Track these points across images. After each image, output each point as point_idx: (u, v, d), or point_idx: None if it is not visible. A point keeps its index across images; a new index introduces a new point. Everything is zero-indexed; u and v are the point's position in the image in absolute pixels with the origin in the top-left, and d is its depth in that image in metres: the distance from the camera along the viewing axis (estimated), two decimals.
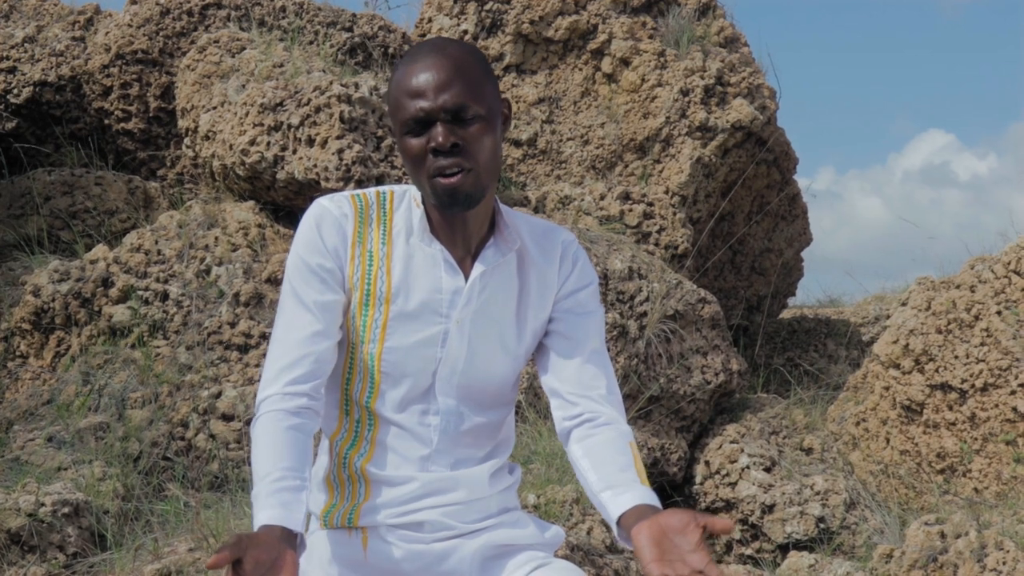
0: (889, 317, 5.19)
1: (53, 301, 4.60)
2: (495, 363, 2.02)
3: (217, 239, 4.83)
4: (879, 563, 3.93)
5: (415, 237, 1.96)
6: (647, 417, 4.83)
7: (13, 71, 6.12)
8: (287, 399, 1.90)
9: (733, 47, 6.20)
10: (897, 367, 4.72)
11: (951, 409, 4.53)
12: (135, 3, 6.16)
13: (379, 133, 5.00)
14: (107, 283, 4.63)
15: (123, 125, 6.02)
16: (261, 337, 4.55)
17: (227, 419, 4.33)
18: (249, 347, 4.55)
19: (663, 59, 5.91)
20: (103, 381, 4.40)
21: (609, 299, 4.75)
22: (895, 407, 4.73)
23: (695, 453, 4.92)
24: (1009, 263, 4.59)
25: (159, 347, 4.53)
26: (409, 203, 1.99)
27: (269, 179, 4.96)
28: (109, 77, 5.99)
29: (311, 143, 4.88)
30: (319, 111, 4.91)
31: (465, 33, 6.04)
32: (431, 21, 6.21)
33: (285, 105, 4.96)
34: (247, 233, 4.90)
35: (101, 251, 4.76)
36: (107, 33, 6.11)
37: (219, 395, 4.37)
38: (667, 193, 5.73)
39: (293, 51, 5.52)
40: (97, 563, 3.59)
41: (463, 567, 2.00)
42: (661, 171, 5.81)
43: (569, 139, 5.97)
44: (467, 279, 1.96)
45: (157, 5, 6.07)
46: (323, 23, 6.02)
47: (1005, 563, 3.66)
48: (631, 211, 5.50)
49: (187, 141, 5.58)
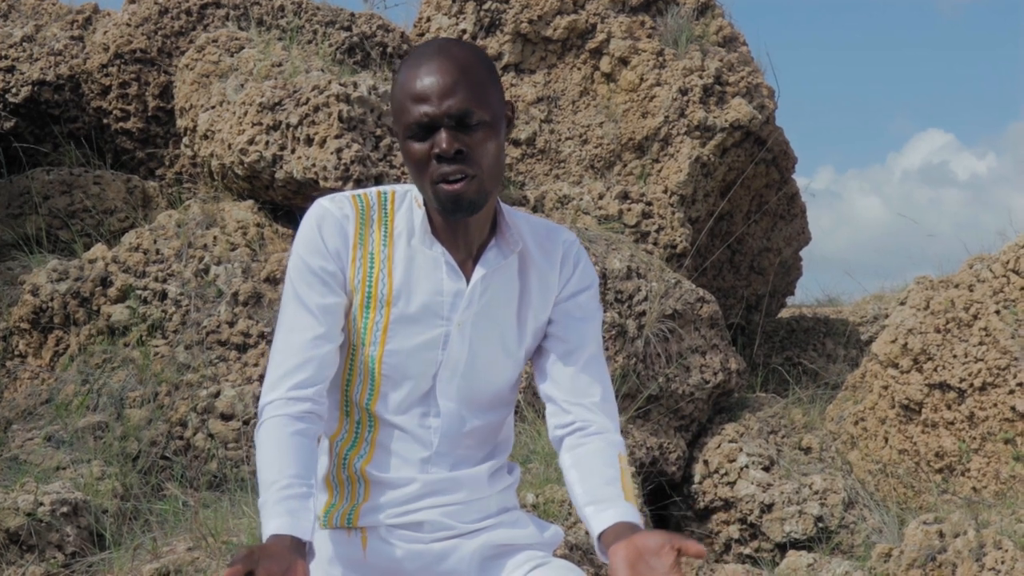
0: (888, 316, 5.18)
1: (52, 300, 4.60)
2: (496, 365, 2.01)
3: (216, 238, 4.83)
4: (877, 562, 3.93)
5: (416, 239, 1.95)
6: (646, 416, 4.83)
7: (12, 70, 6.12)
8: (290, 404, 1.89)
9: (732, 46, 6.20)
10: (896, 366, 4.72)
11: (950, 408, 4.53)
12: (133, 2, 6.15)
13: (378, 132, 4.99)
14: (106, 282, 4.63)
15: (122, 124, 6.02)
16: (260, 336, 4.55)
17: (226, 418, 4.33)
18: (248, 346, 4.54)
19: (662, 58, 5.91)
20: (102, 380, 4.39)
21: (608, 298, 4.74)
22: (894, 406, 4.73)
23: (694, 452, 4.92)
24: (1008, 262, 4.59)
25: (158, 346, 4.53)
26: (410, 204, 1.98)
27: (268, 178, 4.96)
28: (108, 76, 5.99)
29: (310, 142, 4.88)
30: (318, 110, 4.90)
31: (464, 32, 6.03)
32: (430, 20, 6.21)
33: (284, 104, 4.96)
34: (246, 232, 4.89)
35: (100, 250, 4.76)
36: (105, 32, 6.10)
37: (218, 394, 4.37)
38: (666, 192, 5.73)
39: (292, 50, 5.51)
40: (96, 562, 3.59)
41: (462, 567, 2.00)
42: (660, 170, 5.81)
43: (568, 138, 5.97)
44: (468, 281, 1.96)
45: (155, 4, 6.07)
46: (322, 22, 6.02)
47: (1003, 562, 3.66)
48: (630, 210, 5.50)
49: (186, 140, 5.58)
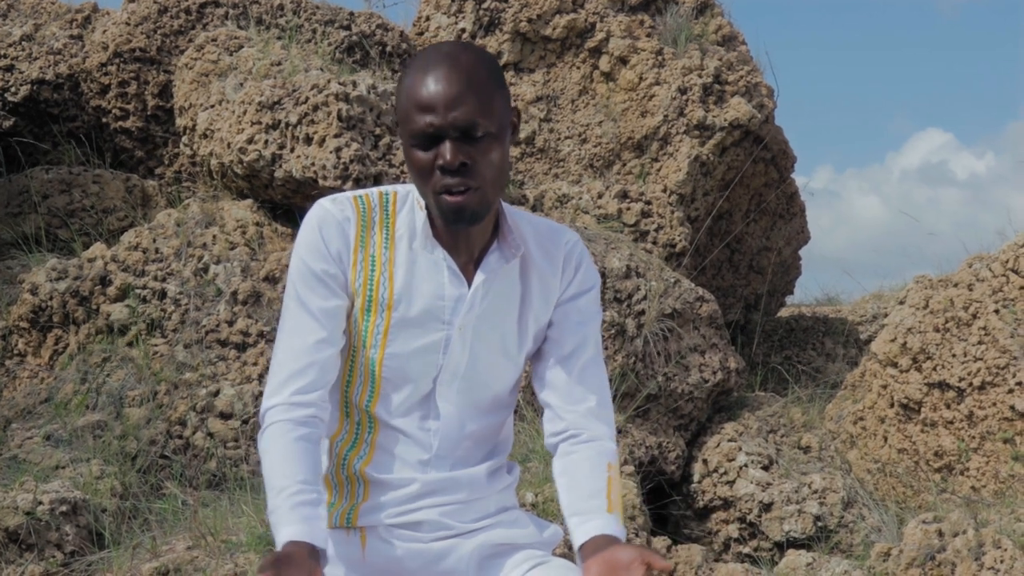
0: (887, 315, 5.18)
1: (51, 299, 4.60)
2: (496, 369, 2.01)
3: (215, 237, 4.83)
4: (877, 561, 3.93)
5: (418, 242, 1.94)
6: (645, 416, 4.83)
7: (11, 69, 6.11)
8: (294, 409, 1.90)
9: (731, 45, 6.20)
10: (895, 365, 4.73)
11: (949, 407, 4.53)
12: (133, 1, 6.15)
13: (377, 131, 4.99)
14: (105, 281, 4.63)
15: (121, 123, 6.02)
16: (259, 335, 4.55)
17: (225, 417, 4.33)
18: (247, 345, 4.54)
19: (661, 57, 5.91)
20: (101, 379, 4.39)
21: (607, 297, 4.74)
22: (893, 405, 4.74)
23: (693, 451, 4.92)
24: (1007, 261, 4.59)
25: (157, 345, 4.53)
26: (412, 205, 1.97)
27: (267, 177, 4.96)
28: (107, 75, 5.99)
29: (309, 141, 4.88)
30: (317, 109, 4.90)
31: (463, 31, 6.03)
32: (429, 19, 6.21)
33: (283, 103, 4.96)
34: (245, 231, 4.89)
35: (99, 249, 4.76)
36: (105, 31, 6.10)
37: (217, 393, 4.37)
38: (665, 191, 5.73)
39: (291, 49, 5.51)
40: (95, 561, 3.59)
41: (461, 566, 2.00)
42: (659, 169, 5.81)
43: (567, 137, 5.97)
44: (470, 285, 1.95)
45: (155, 3, 6.07)
46: (321, 21, 6.02)
47: (1003, 561, 3.66)
48: (629, 209, 5.50)
49: (185, 139, 5.58)
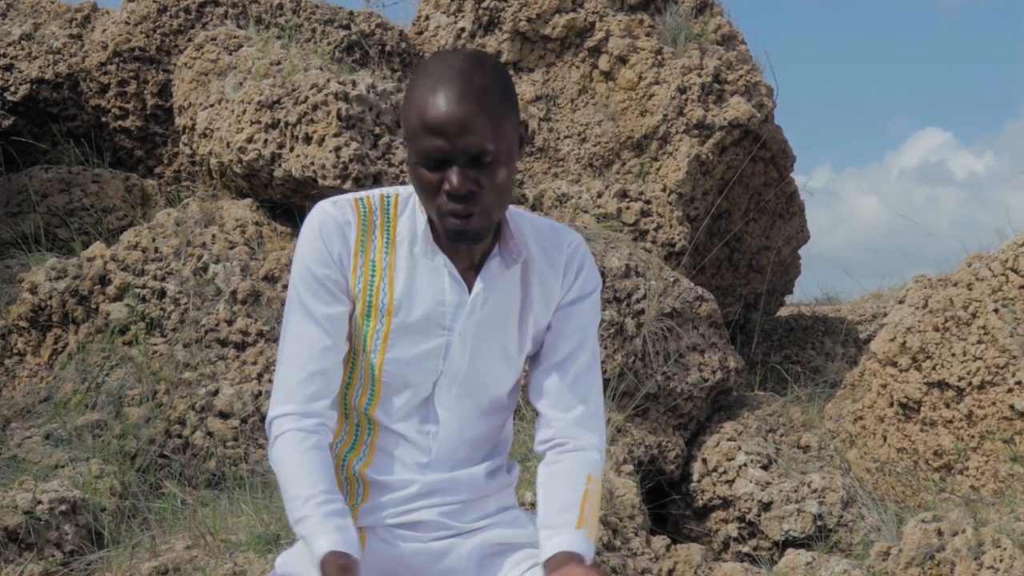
0: (886, 315, 5.19)
1: (50, 299, 4.60)
2: (496, 372, 2.00)
3: (214, 237, 4.82)
4: (876, 561, 3.93)
5: (419, 247, 1.93)
6: (644, 415, 4.83)
7: (10, 68, 6.11)
8: (303, 419, 1.91)
9: (730, 45, 6.20)
10: (894, 365, 4.73)
11: (948, 407, 4.53)
12: (132, 1, 6.15)
13: (376, 131, 4.99)
14: (104, 281, 4.63)
15: (120, 123, 6.02)
16: (258, 335, 4.55)
17: (224, 417, 4.33)
18: (246, 344, 4.54)
19: (660, 57, 5.91)
20: (100, 379, 4.39)
21: (606, 297, 4.74)
22: (892, 405, 4.74)
23: (692, 451, 4.92)
24: (1006, 261, 4.60)
25: (156, 345, 4.53)
26: (414, 208, 1.95)
27: (266, 177, 4.96)
28: (106, 75, 5.98)
29: (308, 141, 4.88)
30: (316, 109, 4.90)
31: (462, 31, 6.03)
32: (428, 18, 6.21)
33: (282, 103, 4.96)
34: (244, 231, 4.89)
35: (98, 249, 4.76)
36: (104, 31, 6.10)
37: (216, 393, 4.37)
38: (664, 191, 5.73)
39: (290, 49, 5.51)
40: (94, 561, 3.59)
41: (460, 565, 2.00)
42: (658, 169, 5.81)
43: (566, 137, 5.97)
44: (471, 290, 1.94)
45: (154, 3, 6.07)
46: (320, 21, 6.02)
47: (1002, 560, 3.66)
48: (628, 209, 5.50)
49: (184, 139, 5.58)
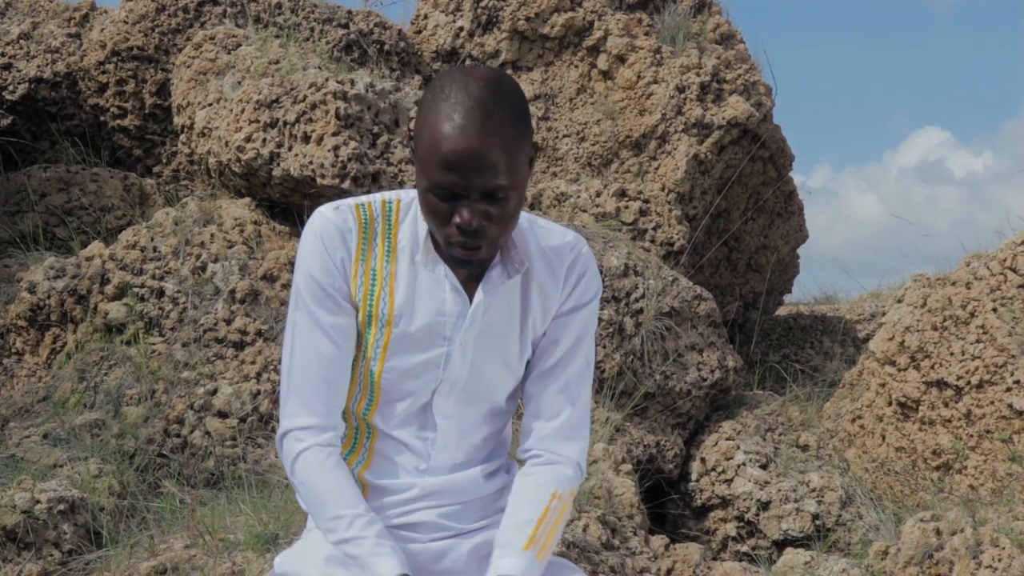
0: (885, 314, 5.18)
1: (49, 298, 4.60)
2: (497, 380, 2.00)
3: (213, 236, 4.82)
4: (875, 560, 3.93)
5: (420, 256, 1.92)
6: (643, 414, 4.83)
7: (9, 67, 6.11)
8: (321, 432, 1.92)
9: (729, 44, 6.20)
10: (893, 364, 4.73)
11: (947, 406, 4.53)
12: (130, 0, 6.15)
13: (375, 130, 4.99)
14: (103, 280, 4.62)
15: (119, 122, 6.01)
16: (257, 334, 4.55)
17: (223, 416, 4.33)
18: (245, 344, 4.54)
19: (659, 56, 5.91)
20: (99, 378, 4.39)
21: (605, 296, 4.74)
22: (891, 404, 4.74)
23: (691, 450, 4.92)
24: (1005, 260, 4.60)
25: (155, 344, 4.52)
26: (415, 215, 1.94)
27: (265, 176, 4.96)
28: (105, 74, 5.98)
29: (307, 140, 4.87)
30: (315, 108, 4.90)
31: (461, 30, 6.03)
32: (427, 18, 6.21)
33: (281, 102, 4.95)
34: (243, 230, 4.89)
35: (97, 248, 4.75)
36: (103, 30, 6.10)
37: (215, 392, 4.37)
38: (663, 190, 5.73)
39: (289, 48, 5.51)
40: (93, 560, 3.58)
41: (459, 565, 2.00)
42: (657, 168, 5.81)
43: (565, 136, 5.97)
44: (471, 300, 1.93)
45: (153, 2, 6.06)
46: (319, 20, 6.02)
47: (1001, 560, 3.66)
48: (627, 208, 5.50)
49: (183, 138, 5.58)
